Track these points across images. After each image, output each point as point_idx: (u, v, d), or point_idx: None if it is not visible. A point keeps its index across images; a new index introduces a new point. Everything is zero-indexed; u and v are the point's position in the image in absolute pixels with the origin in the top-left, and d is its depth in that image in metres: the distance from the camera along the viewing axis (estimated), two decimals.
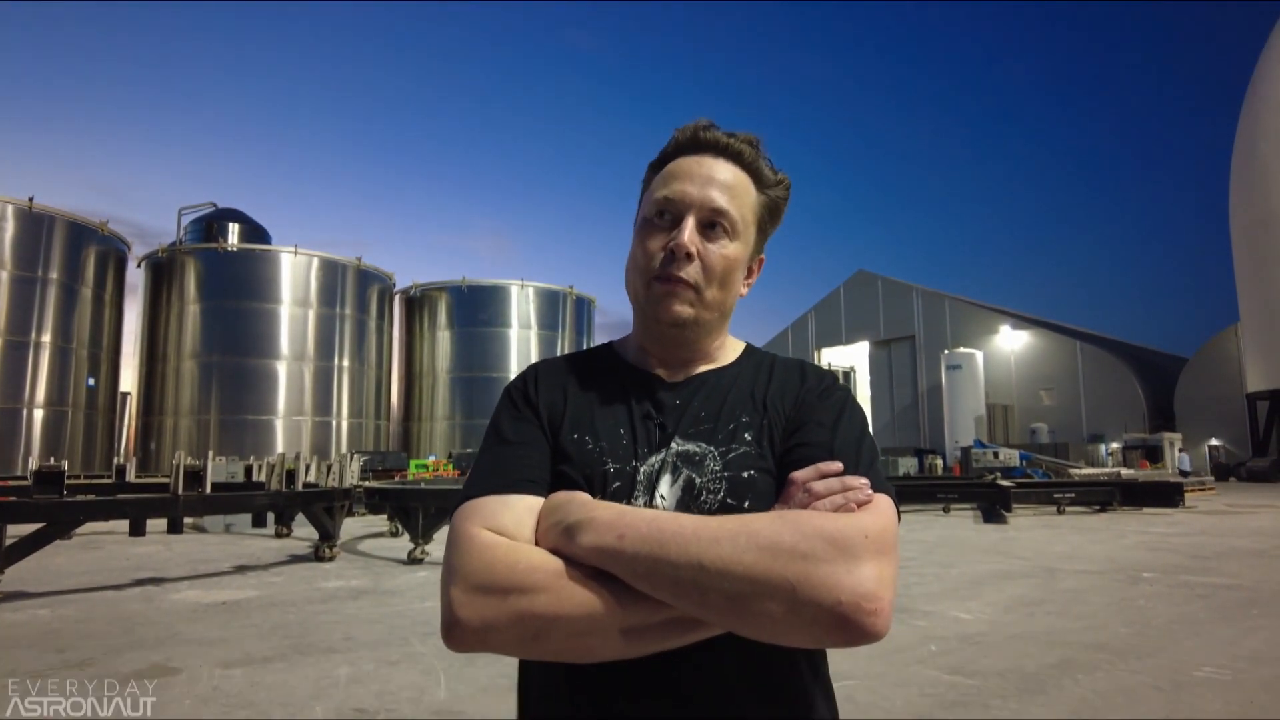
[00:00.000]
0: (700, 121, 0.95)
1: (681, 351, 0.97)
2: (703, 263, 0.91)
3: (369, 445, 27.43)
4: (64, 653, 4.74)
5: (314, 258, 27.04)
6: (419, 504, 9.29)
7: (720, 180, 0.93)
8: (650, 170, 0.99)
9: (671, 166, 0.95)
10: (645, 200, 0.97)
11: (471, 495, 0.86)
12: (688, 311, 0.91)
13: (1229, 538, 10.73)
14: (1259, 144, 35.53)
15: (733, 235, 0.93)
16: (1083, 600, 6.31)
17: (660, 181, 0.94)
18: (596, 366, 1.00)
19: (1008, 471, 23.45)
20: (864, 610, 0.70)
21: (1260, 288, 35.20)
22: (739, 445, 0.89)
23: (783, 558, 0.71)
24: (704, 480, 0.87)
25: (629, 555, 0.74)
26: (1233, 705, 3.65)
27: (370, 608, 6.22)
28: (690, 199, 0.91)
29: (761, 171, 0.97)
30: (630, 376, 0.97)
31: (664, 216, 0.93)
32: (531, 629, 0.73)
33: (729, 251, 0.93)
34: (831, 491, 0.80)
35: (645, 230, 0.94)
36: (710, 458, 0.88)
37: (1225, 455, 36.81)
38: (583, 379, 0.98)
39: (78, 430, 23.32)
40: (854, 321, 51.48)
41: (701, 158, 0.94)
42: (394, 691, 3.93)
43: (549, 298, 32.44)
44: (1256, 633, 5.09)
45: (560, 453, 0.91)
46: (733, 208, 0.93)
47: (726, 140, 0.94)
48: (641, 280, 0.93)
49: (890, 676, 4.15)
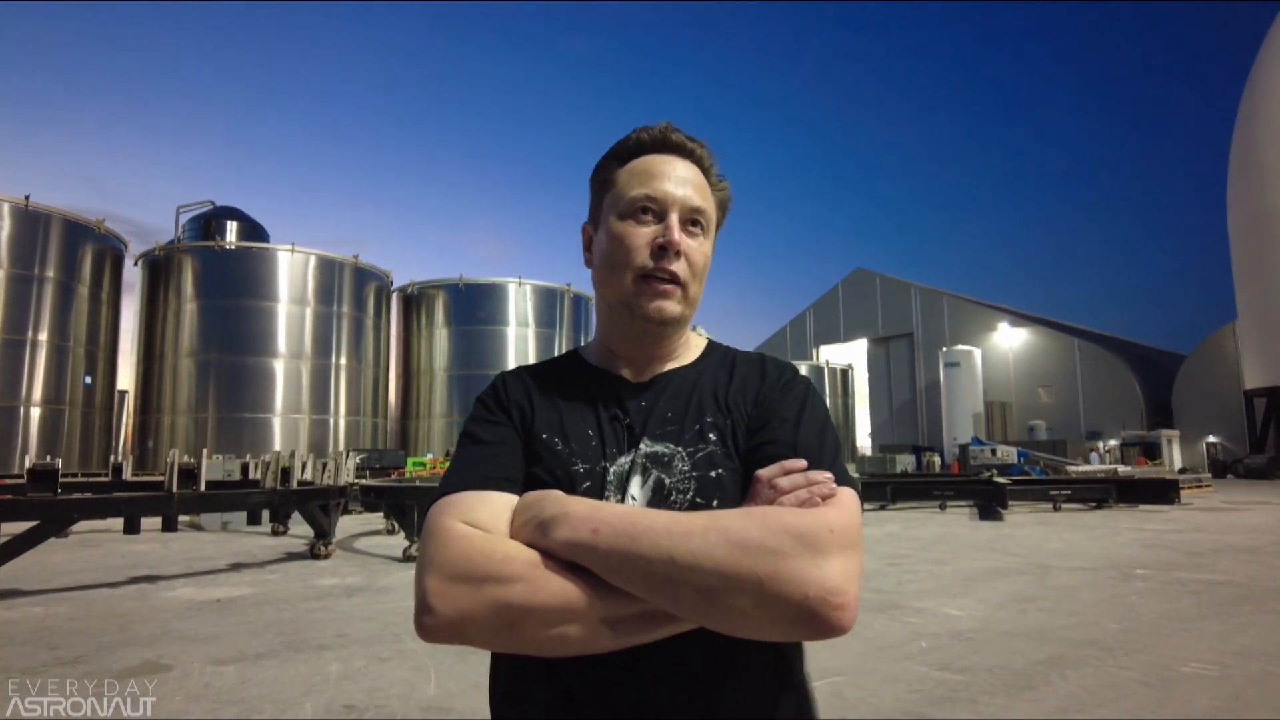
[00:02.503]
0: (663, 124, 0.97)
1: (651, 349, 0.98)
2: (687, 259, 0.93)
3: (366, 443, 27.41)
4: (56, 650, 4.75)
5: (311, 256, 27.00)
6: (414, 501, 9.29)
7: (693, 181, 0.95)
8: (608, 166, 0.99)
9: (641, 164, 0.96)
10: (614, 196, 0.96)
11: (447, 491, 0.86)
12: (676, 309, 0.93)
13: (1224, 534, 10.75)
14: (1257, 141, 35.54)
15: (706, 233, 0.96)
16: (1075, 597, 6.33)
17: (634, 179, 0.95)
18: (562, 372, 1.02)
19: (1005, 469, 23.47)
20: (830, 604, 0.71)
21: (1258, 284, 35.23)
22: (705, 445, 0.90)
23: (751, 553, 0.72)
24: (673, 480, 0.88)
25: (603, 550, 0.75)
26: (1219, 701, 3.66)
27: (364, 605, 6.23)
28: (673, 197, 0.93)
29: (712, 174, 1.00)
30: (596, 380, 0.98)
31: (647, 213, 0.93)
32: (506, 619, 0.74)
33: (705, 248, 0.96)
34: (796, 487, 0.81)
35: (625, 226, 0.94)
36: (679, 458, 0.89)
37: (1222, 452, 36.85)
38: (549, 384, 0.99)
39: (75, 428, 23.30)
40: (852, 319, 51.49)
41: (670, 158, 0.96)
42: (384, 688, 3.94)
43: (546, 296, 32.41)
44: (1247, 629, 5.10)
45: (531, 455, 0.92)
46: (706, 206, 0.96)
47: (691, 144, 0.97)
48: (628, 276, 0.93)
49: (879, 673, 4.16)
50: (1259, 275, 35.10)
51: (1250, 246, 35.80)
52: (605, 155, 1.00)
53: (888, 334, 49.92)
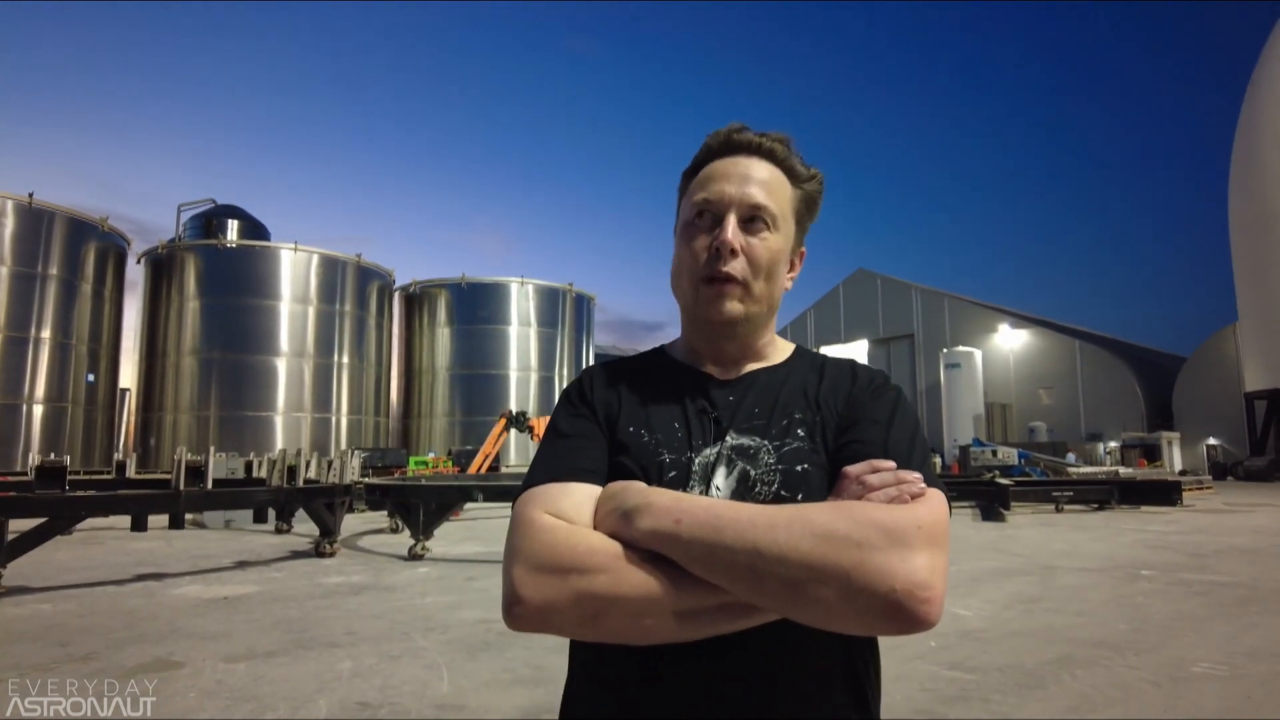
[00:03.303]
0: (733, 125, 0.98)
1: (732, 349, 0.99)
2: (747, 257, 0.93)
3: (368, 442, 27.43)
4: (67, 647, 4.76)
5: (314, 254, 27.02)
6: (419, 500, 9.29)
7: (757, 178, 0.95)
8: (685, 178, 1.01)
9: (707, 170, 0.97)
10: (684, 206, 0.99)
11: (532, 483, 0.88)
12: (738, 309, 0.93)
13: (1227, 536, 10.76)
14: (1259, 142, 35.54)
15: (773, 228, 0.95)
16: (1081, 597, 6.33)
17: (697, 185, 0.97)
18: (649, 367, 1.03)
19: (1006, 470, 23.48)
20: (917, 598, 0.71)
21: (1259, 287, 35.23)
22: (792, 440, 0.91)
23: (838, 545, 0.72)
24: (758, 472, 0.88)
25: (686, 539, 0.75)
26: (1230, 701, 3.67)
27: (372, 603, 6.23)
28: (729, 197, 0.93)
29: (795, 168, 0.99)
30: (683, 375, 0.99)
31: (704, 217, 0.95)
32: (590, 609, 0.75)
33: (772, 244, 0.95)
34: (885, 484, 0.81)
35: (687, 233, 0.96)
36: (765, 451, 0.90)
37: (1223, 454, 36.87)
38: (636, 378, 1.00)
39: (77, 426, 23.33)
40: (853, 320, 51.49)
41: (736, 158, 0.96)
42: (397, 685, 3.94)
43: (549, 295, 32.44)
44: (1254, 629, 5.11)
45: (617, 446, 0.93)
46: (771, 202, 0.95)
47: (759, 140, 0.97)
48: (690, 282, 0.95)
49: (890, 672, 4.17)
50: (1260, 277, 35.09)
51: (1251, 248, 35.80)
52: (685, 169, 1.01)
53: (889, 335, 49.91)
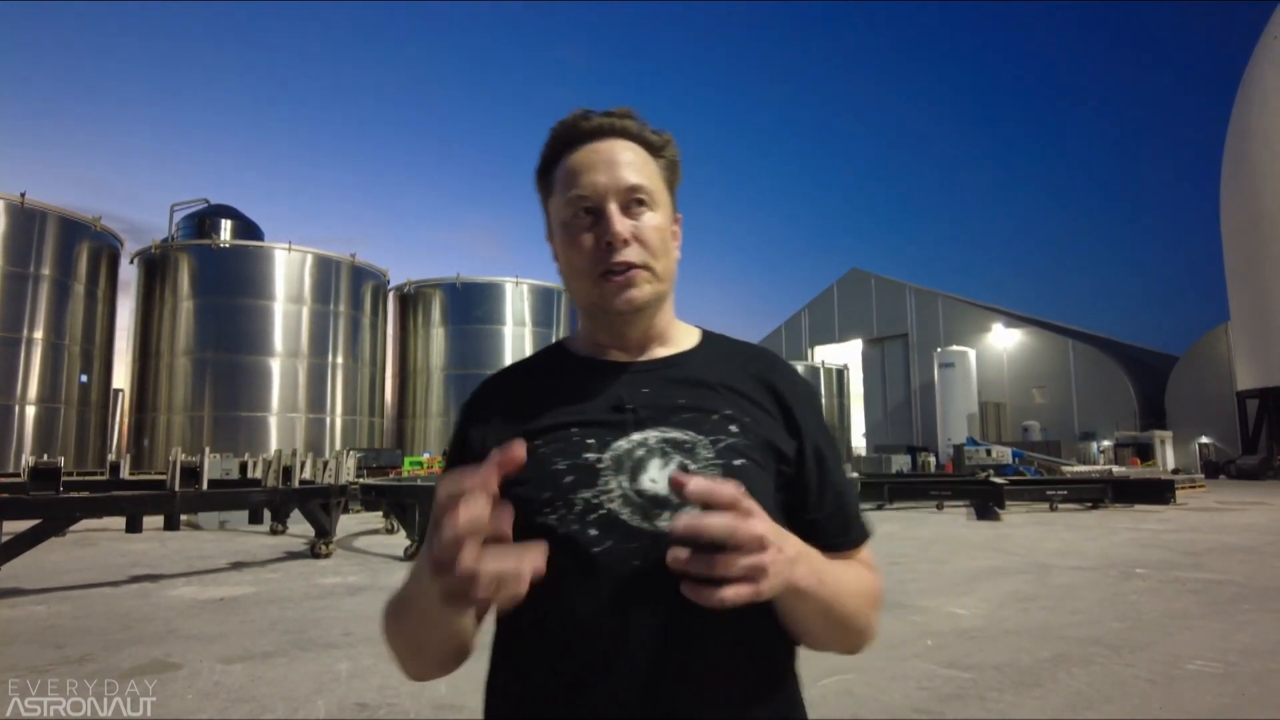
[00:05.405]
0: (576, 112, 0.93)
1: (635, 333, 0.95)
2: (639, 241, 0.89)
3: (363, 442, 27.34)
4: (63, 648, 4.74)
5: (307, 254, 26.91)
6: (414, 500, 9.28)
7: (623, 160, 0.91)
8: (541, 177, 0.96)
9: (568, 164, 0.92)
10: (554, 206, 0.94)
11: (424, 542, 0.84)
12: (645, 291, 0.90)
13: (1220, 534, 10.83)
14: (1250, 143, 35.76)
15: (652, 205, 0.91)
16: (1076, 595, 6.37)
17: (563, 183, 0.92)
18: (549, 367, 0.99)
19: (1000, 469, 23.57)
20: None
21: (1250, 286, 35.45)
22: (725, 436, 0.87)
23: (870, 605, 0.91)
24: (698, 466, 0.84)
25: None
26: (1224, 698, 3.70)
27: (368, 604, 6.23)
28: (603, 187, 0.89)
29: (649, 139, 0.94)
30: (588, 369, 0.95)
31: (583, 214, 0.90)
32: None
33: (656, 221, 0.91)
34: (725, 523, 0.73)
35: (568, 234, 0.91)
36: (701, 446, 0.86)
37: (1215, 453, 37.08)
38: (531, 385, 0.96)
39: (70, 427, 23.19)
40: (847, 319, 51.61)
41: (594, 145, 0.92)
42: (395, 686, 3.94)
43: (543, 295, 32.39)
44: (1247, 627, 5.15)
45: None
46: (643, 180, 0.91)
47: (610, 121, 0.92)
48: (589, 280, 0.90)
49: (888, 670, 4.19)
50: (1252, 277, 35.31)
51: (1243, 248, 36.01)
52: (537, 168, 0.97)
53: (883, 334, 50.04)
